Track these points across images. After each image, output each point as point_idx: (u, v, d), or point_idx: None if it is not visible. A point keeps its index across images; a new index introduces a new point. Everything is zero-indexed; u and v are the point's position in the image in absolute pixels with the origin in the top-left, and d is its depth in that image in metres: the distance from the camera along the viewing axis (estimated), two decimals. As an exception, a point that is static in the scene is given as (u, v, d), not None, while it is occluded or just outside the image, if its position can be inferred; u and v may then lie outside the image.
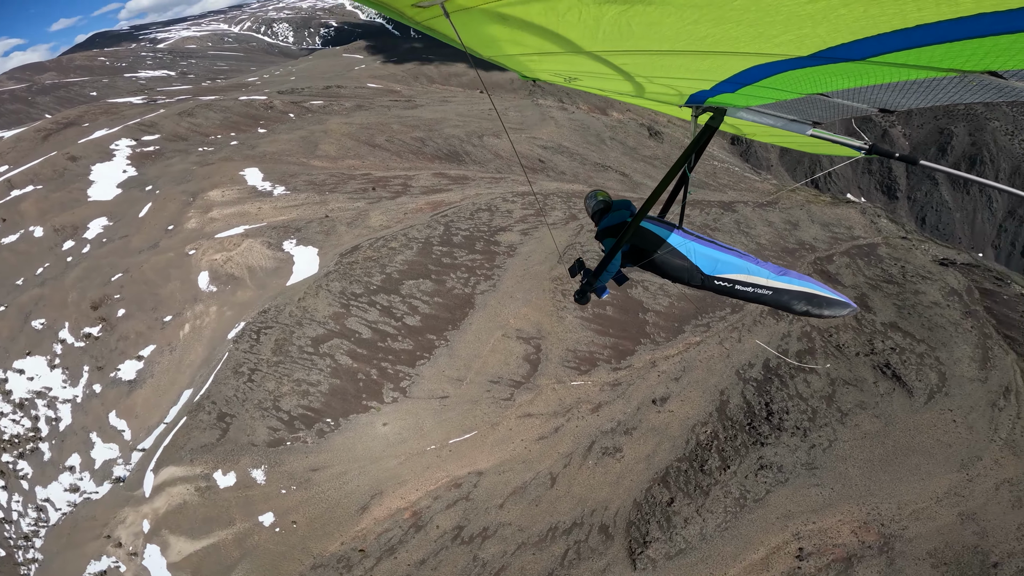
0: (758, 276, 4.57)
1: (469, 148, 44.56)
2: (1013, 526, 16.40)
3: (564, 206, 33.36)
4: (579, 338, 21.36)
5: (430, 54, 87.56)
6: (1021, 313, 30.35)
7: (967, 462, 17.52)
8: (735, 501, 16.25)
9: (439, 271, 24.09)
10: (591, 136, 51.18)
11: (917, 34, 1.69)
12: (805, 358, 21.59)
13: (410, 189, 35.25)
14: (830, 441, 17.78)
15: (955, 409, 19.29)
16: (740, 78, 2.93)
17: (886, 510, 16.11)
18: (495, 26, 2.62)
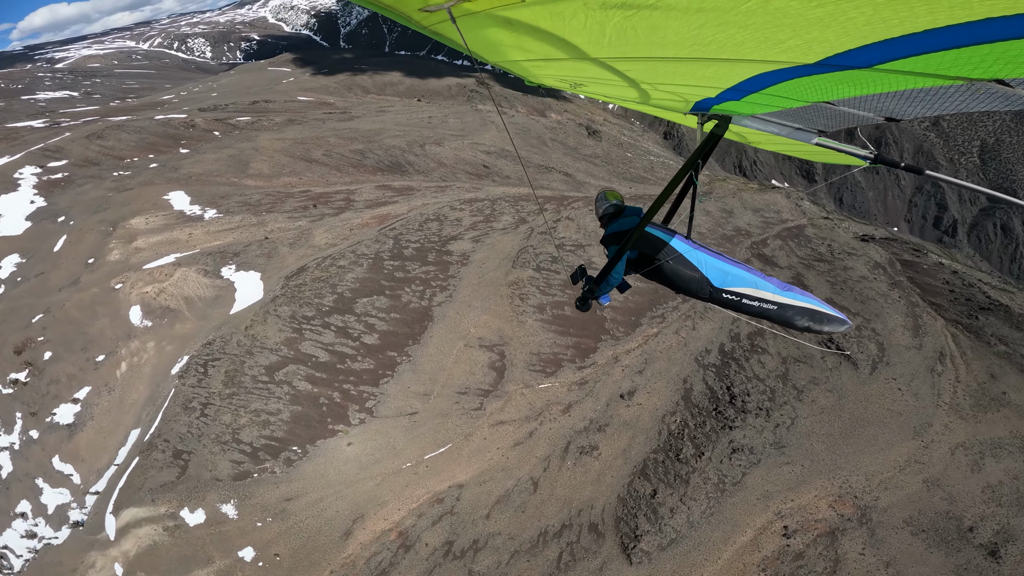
0: (764, 291, 4.53)
1: (411, 158, 43.83)
2: (977, 489, 17.59)
3: (512, 210, 33.39)
4: (541, 341, 21.35)
5: (362, 64, 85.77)
6: (942, 280, 33.17)
7: (919, 429, 18.65)
8: (715, 486, 16.58)
9: (393, 286, 23.41)
10: (532, 138, 51.75)
11: (925, 40, 1.66)
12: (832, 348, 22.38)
13: (354, 204, 34.19)
14: (792, 419, 18.55)
15: (898, 378, 20.69)
16: (746, 85, 2.90)
17: (856, 482, 16.90)
18: (501, 31, 2.59)
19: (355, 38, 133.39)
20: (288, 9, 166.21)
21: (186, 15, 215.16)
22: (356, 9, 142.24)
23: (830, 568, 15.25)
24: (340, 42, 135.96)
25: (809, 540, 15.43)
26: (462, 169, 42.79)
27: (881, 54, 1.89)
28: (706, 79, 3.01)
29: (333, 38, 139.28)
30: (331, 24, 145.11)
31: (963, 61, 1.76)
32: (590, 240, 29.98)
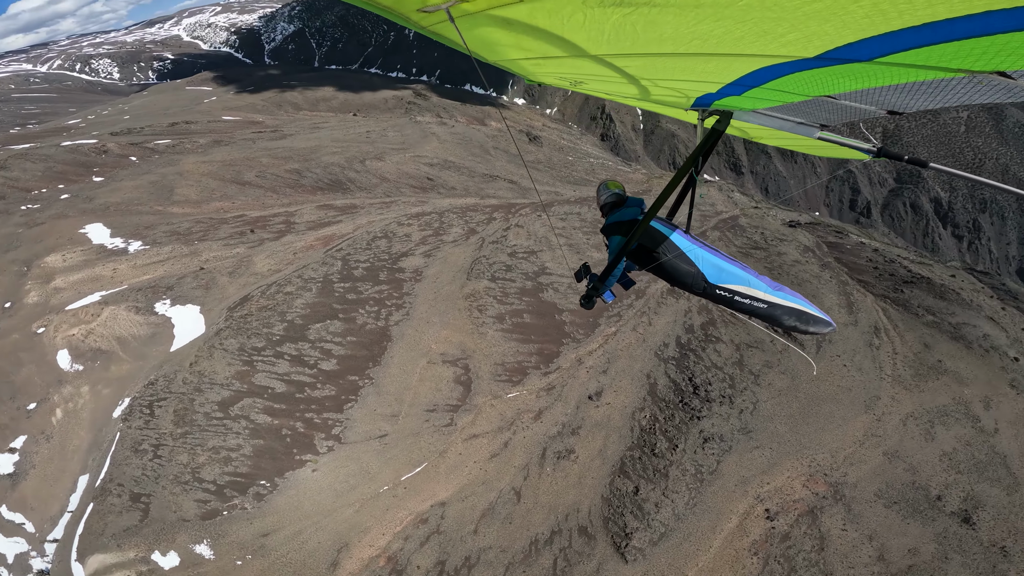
0: (757, 290, 4.62)
1: (352, 175, 42.67)
2: (934, 458, 18.74)
3: (461, 221, 33.17)
4: (504, 350, 21.22)
5: (291, 80, 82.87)
6: (865, 259, 35.81)
7: (870, 403, 19.78)
8: (693, 477, 16.93)
9: (346, 309, 22.57)
10: (475, 148, 51.73)
11: (925, 32, 1.66)
12: None
13: (295, 226, 32.84)
14: (753, 403, 19.27)
15: (842, 354, 22.04)
16: (746, 80, 2.89)
17: (823, 460, 17.72)
18: (500, 31, 2.58)
19: (281, 54, 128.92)
20: (205, 27, 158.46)
21: (88, 36, 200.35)
22: (281, 24, 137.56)
23: (818, 546, 15.85)
24: (265, 58, 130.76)
25: (792, 521, 16.00)
26: (406, 183, 42.14)
27: (881, 47, 1.89)
28: (706, 74, 3.01)
29: (257, 55, 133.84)
30: (254, 40, 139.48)
31: (964, 53, 1.75)
32: (542, 246, 30.22)
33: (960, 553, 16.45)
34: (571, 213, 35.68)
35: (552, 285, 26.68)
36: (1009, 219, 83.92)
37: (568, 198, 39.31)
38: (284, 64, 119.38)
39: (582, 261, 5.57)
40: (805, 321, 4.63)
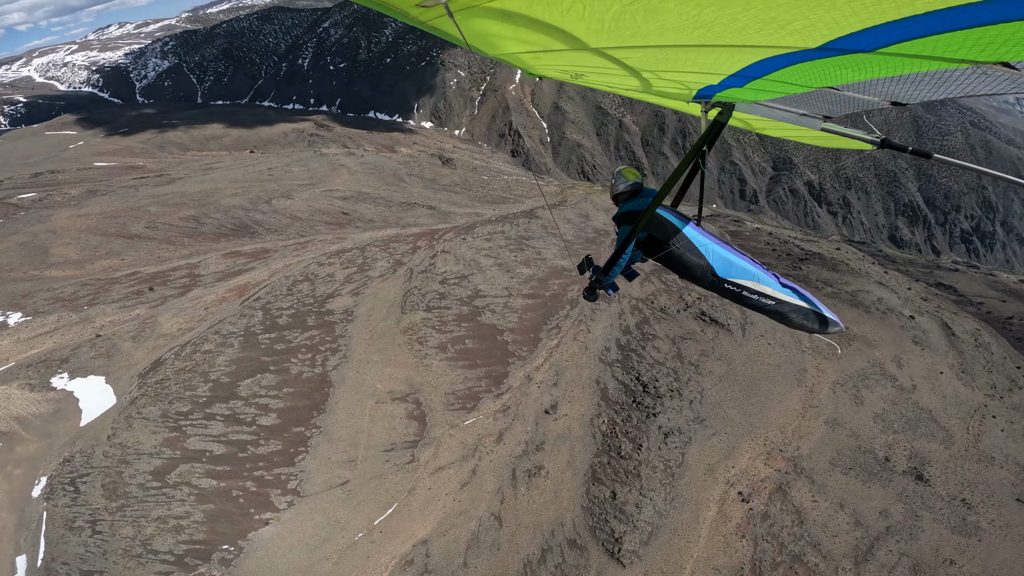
0: (766, 286, 4.63)
1: (259, 217, 40.30)
2: (869, 420, 20.52)
3: (385, 254, 32.43)
4: (453, 379, 20.94)
5: (172, 119, 76.79)
6: (763, 242, 39.50)
7: (799, 376, 21.55)
8: (664, 472, 17.48)
9: (276, 360, 21.17)
10: (388, 176, 50.88)
11: (929, 21, 1.67)
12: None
13: (201, 279, 30.39)
14: (700, 392, 20.38)
15: (764, 334, 24.07)
16: (749, 72, 2.90)
17: (774, 437, 19.01)
18: (498, 24, 2.55)
19: (156, 91, 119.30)
20: (60, 66, 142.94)
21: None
22: (153, 61, 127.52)
23: (797, 520, 16.89)
24: (137, 97, 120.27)
25: (765, 500, 16.98)
26: (320, 220, 40.54)
27: (885, 37, 1.89)
28: (708, 66, 3.00)
29: (127, 93, 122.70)
30: (121, 78, 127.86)
31: (968, 43, 1.76)
32: (471, 269, 30.28)
33: (927, 510, 18.16)
34: (495, 232, 36.13)
35: (488, 307, 26.81)
36: (872, 193, 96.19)
37: (489, 218, 39.81)
38: (161, 102, 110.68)
39: (584, 254, 5.55)
40: (812, 320, 4.66)
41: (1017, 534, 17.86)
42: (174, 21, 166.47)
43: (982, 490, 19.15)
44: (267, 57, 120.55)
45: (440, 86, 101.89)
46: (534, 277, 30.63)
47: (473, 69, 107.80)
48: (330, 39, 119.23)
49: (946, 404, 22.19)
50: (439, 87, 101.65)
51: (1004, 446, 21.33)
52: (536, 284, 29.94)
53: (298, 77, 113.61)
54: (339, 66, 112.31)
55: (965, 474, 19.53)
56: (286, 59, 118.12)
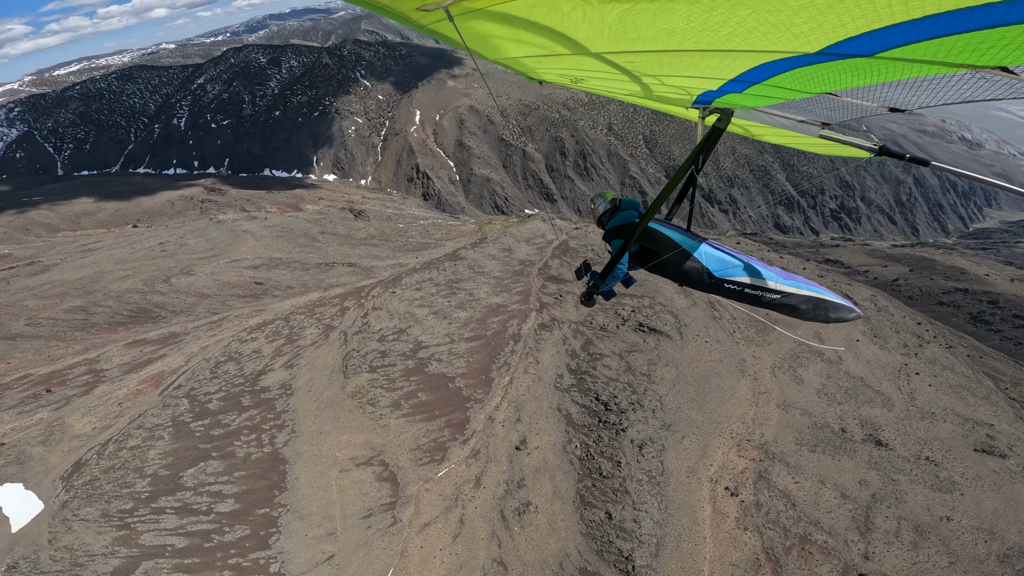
0: (767, 280, 4.61)
1: (158, 299, 37.28)
2: (813, 396, 22.29)
3: (312, 321, 31.33)
4: (415, 434, 20.54)
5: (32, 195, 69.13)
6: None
7: (740, 366, 23.25)
8: (650, 483, 18.01)
9: (218, 445, 19.62)
10: (299, 237, 49.20)
11: (929, 25, 1.68)
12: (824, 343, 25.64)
13: (105, 374, 27.59)
14: (659, 400, 21.39)
15: (700, 333, 26.05)
16: (748, 76, 2.93)
17: (738, 429, 20.23)
18: (499, 28, 2.59)
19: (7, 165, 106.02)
20: None
21: None
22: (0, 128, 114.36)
23: (788, 503, 18.00)
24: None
25: (752, 490, 17.95)
26: (231, 294, 38.33)
27: (884, 41, 1.90)
28: (708, 71, 3.02)
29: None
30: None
31: (968, 48, 1.76)
32: (408, 322, 30.06)
33: (900, 473, 19.84)
34: (423, 281, 36.22)
35: (433, 357, 26.72)
36: (751, 187, 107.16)
37: (414, 266, 39.85)
38: (15, 176, 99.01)
39: (583, 260, 5.67)
40: (824, 309, 4.62)
41: (992, 483, 20.03)
42: (16, 85, 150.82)
43: (938, 446, 21.40)
44: (135, 119, 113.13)
45: (338, 136, 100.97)
46: (472, 319, 30.98)
47: (371, 114, 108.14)
48: (207, 96, 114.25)
49: (872, 369, 25.22)
50: (337, 137, 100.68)
51: (938, 400, 24.13)
52: (475, 326, 30.29)
53: (175, 139, 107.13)
54: (222, 124, 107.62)
55: (916, 433, 21.76)
56: (158, 120, 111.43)
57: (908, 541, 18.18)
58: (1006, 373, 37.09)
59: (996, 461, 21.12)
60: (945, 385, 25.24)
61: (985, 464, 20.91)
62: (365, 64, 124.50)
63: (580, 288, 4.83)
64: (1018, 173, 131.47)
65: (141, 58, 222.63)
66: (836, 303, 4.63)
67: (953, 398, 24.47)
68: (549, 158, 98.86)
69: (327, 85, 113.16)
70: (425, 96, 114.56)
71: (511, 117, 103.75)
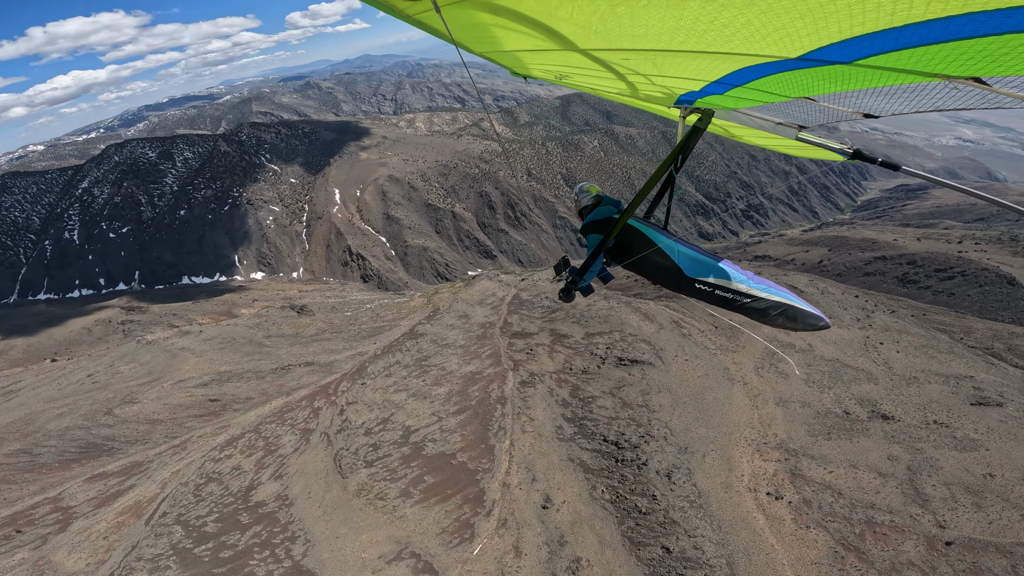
0: (738, 283, 4.78)
1: (105, 431, 35.34)
2: (804, 387, 24.29)
3: (285, 428, 30.59)
4: (435, 518, 20.93)
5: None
6: (624, 279, 46.02)
7: (727, 374, 25.31)
8: (693, 507, 18.83)
9: (232, 568, 18.98)
10: (244, 346, 48.08)
11: (905, 34, 1.78)
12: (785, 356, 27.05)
13: (74, 510, 26.21)
14: (666, 427, 22.78)
15: (677, 353, 28.26)
16: (730, 79, 3.07)
17: (751, 434, 21.85)
18: (487, 21, 2.70)
19: None
20: None
21: None
22: None
23: (834, 493, 19.11)
24: None
25: (793, 489, 19.22)
26: (186, 415, 37.07)
27: (861, 49, 2.00)
28: (691, 72, 3.15)
29: None
30: None
31: (941, 57, 1.86)
32: (388, 410, 30.43)
33: (920, 441, 21.44)
34: (391, 365, 36.73)
35: (427, 438, 27.23)
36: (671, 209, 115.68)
37: (375, 353, 40.34)
38: None
39: (562, 256, 5.87)
40: (792, 317, 4.75)
41: (1007, 432, 21.80)
42: None
43: (937, 408, 23.62)
44: (20, 236, 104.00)
45: (256, 229, 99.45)
46: (452, 392, 31.85)
47: (287, 200, 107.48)
48: (97, 201, 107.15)
49: (842, 348, 28.44)
50: (255, 230, 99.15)
51: (912, 363, 26.84)
52: (458, 398, 31.19)
53: (71, 255, 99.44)
54: (121, 232, 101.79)
55: (912, 399, 23.91)
56: (46, 235, 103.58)
57: (969, 504, 19.36)
58: (953, 324, 42.37)
59: (997, 411, 23.48)
60: (911, 348, 28.86)
61: (989, 416, 23.10)
62: (268, 147, 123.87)
63: (559, 284, 5.55)
64: (874, 144, 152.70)
65: (9, 164, 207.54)
66: (805, 310, 4.77)
67: (924, 359, 27.98)
68: (479, 215, 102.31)
69: (231, 175, 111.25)
70: (340, 172, 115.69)
71: (432, 180, 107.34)
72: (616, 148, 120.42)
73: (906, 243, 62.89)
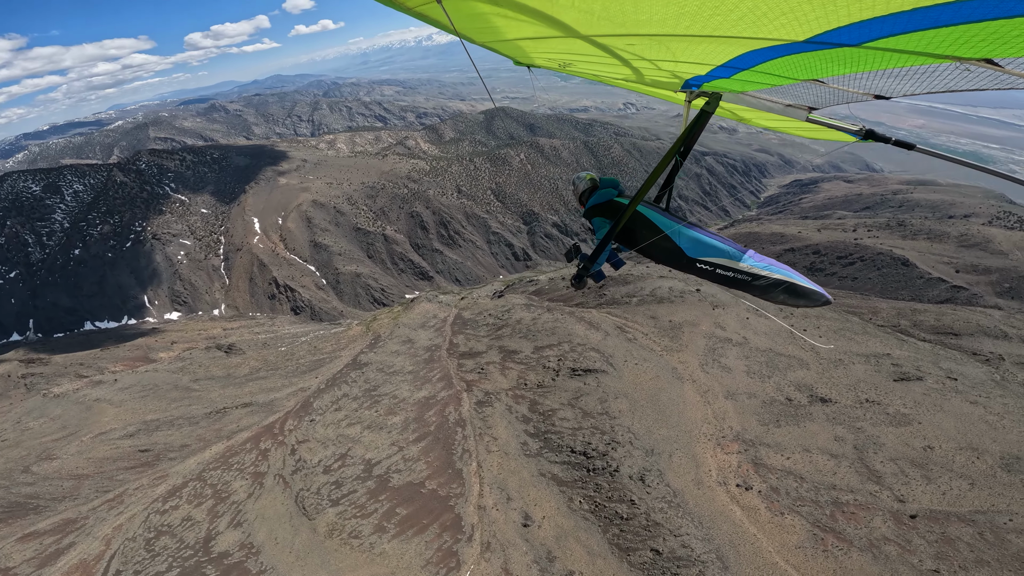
0: (741, 263, 4.92)
1: (26, 490, 31.94)
2: (746, 378, 26.06)
3: (233, 474, 29.31)
4: (416, 549, 20.65)
5: None
6: (564, 288, 47.26)
7: (676, 374, 27.10)
8: (672, 507, 19.84)
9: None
10: (170, 391, 45.06)
11: (916, 17, 1.79)
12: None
13: (16, 570, 24.59)
14: (629, 432, 24.04)
15: (627, 359, 29.80)
16: (736, 63, 3.08)
17: (708, 429, 23.45)
18: (488, 11, 2.72)
19: None
20: None
21: None
22: None
23: (797, 478, 20.51)
24: None
25: (758, 479, 20.64)
26: (116, 468, 34.43)
27: (870, 31, 2.02)
28: (697, 56, 3.16)
29: None
30: None
31: (952, 40, 1.86)
32: (344, 444, 29.72)
33: (858, 421, 23.30)
34: (338, 399, 36.04)
35: (391, 470, 27.05)
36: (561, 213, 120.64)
37: (319, 387, 39.40)
38: None
39: (574, 243, 6.07)
40: (795, 294, 4.90)
41: (933, 405, 23.84)
42: None
43: (865, 387, 25.97)
44: None
45: (166, 265, 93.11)
46: (409, 420, 31.80)
47: (199, 233, 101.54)
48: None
49: (772, 338, 31.09)
50: (165, 267, 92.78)
51: (838, 346, 29.48)
52: (416, 425, 31.19)
53: None
54: (8, 277, 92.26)
55: (842, 381, 26.27)
56: None
57: (919, 477, 20.66)
58: (861, 306, 47.24)
59: (919, 385, 26.06)
60: (830, 332, 32.02)
61: (912, 390, 25.63)
62: (172, 176, 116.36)
63: (570, 270, 5.94)
64: (768, 144, 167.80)
65: None
66: (806, 288, 4.91)
67: (843, 341, 31.14)
68: (411, 236, 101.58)
69: (131, 207, 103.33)
70: (258, 200, 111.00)
71: (359, 203, 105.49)
72: (542, 160, 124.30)
73: (809, 235, 69.52)
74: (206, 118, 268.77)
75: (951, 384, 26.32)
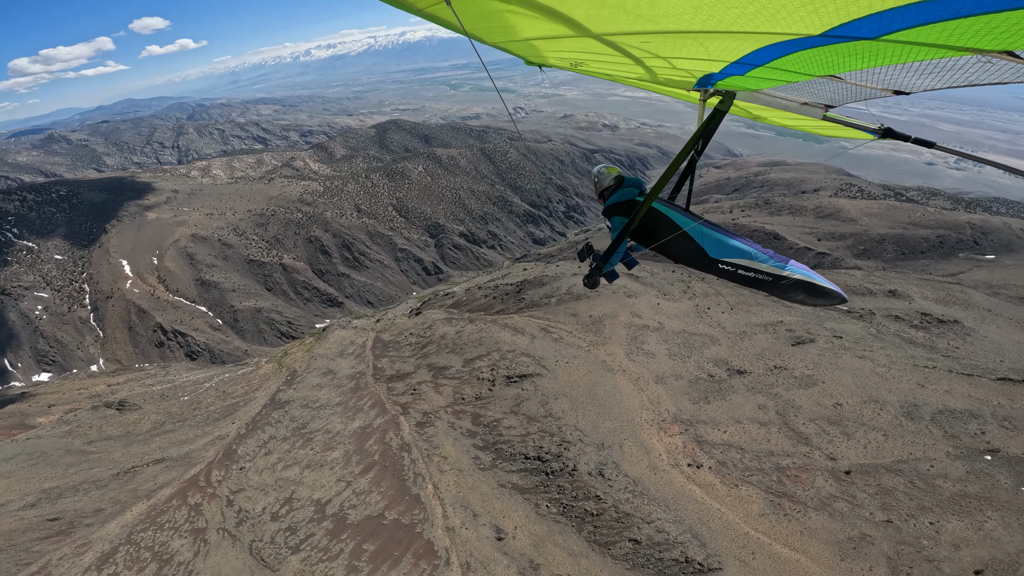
0: (761, 263, 4.97)
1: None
2: (668, 361, 28.19)
3: (169, 533, 27.32)
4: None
5: None
6: (482, 299, 48.70)
7: (606, 368, 29.05)
8: (637, 495, 20.96)
9: None
10: (64, 458, 40.04)
11: (934, 7, 1.78)
12: None
13: None
14: (575, 430, 25.34)
15: (557, 359, 31.36)
16: (750, 59, 3.10)
17: (647, 415, 25.19)
18: (498, 9, 2.75)
19: None
20: None
21: None
22: None
23: (738, 450, 21.98)
24: None
25: (705, 456, 22.32)
26: (27, 539, 30.30)
27: (889, 24, 2.01)
28: (710, 53, 3.18)
29: None
30: None
31: (974, 31, 1.84)
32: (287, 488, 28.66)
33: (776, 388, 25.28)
34: (266, 442, 34.41)
35: (344, 506, 26.54)
36: (502, 218, 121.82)
37: (239, 433, 37.43)
38: None
39: (586, 242, 6.12)
40: (812, 293, 4.99)
41: (829, 364, 26.18)
42: None
43: (771, 355, 28.82)
44: None
45: (23, 323, 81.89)
46: (349, 452, 31.30)
47: (56, 283, 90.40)
48: None
49: (684, 320, 34.06)
50: (22, 325, 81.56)
51: (735, 320, 32.24)
52: (358, 456, 30.80)
53: None
54: None
55: (750, 351, 29.00)
56: None
57: (839, 433, 22.03)
58: None
59: (813, 347, 29.09)
60: (728, 307, 35.74)
61: (809, 352, 28.59)
62: (13, 219, 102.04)
63: (584, 270, 6.31)
64: (647, 138, 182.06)
65: None
66: (824, 287, 4.99)
67: (741, 314, 34.83)
68: (313, 262, 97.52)
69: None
70: (124, 240, 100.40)
71: (248, 233, 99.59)
72: (441, 171, 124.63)
73: (695, 219, 76.88)
74: (44, 150, 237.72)
75: (839, 342, 30.62)
